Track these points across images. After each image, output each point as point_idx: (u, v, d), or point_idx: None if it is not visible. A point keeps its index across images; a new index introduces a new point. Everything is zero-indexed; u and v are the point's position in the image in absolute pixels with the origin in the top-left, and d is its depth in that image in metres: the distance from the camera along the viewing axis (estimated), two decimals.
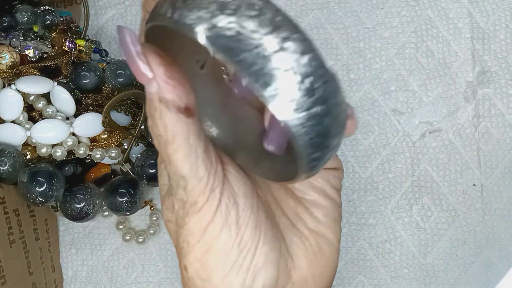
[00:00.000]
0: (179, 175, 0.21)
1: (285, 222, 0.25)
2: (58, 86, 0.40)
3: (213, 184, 0.22)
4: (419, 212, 0.44)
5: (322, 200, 0.25)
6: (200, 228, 0.22)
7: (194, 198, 0.22)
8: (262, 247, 0.23)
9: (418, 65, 0.45)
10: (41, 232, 0.42)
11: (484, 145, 0.44)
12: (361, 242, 0.44)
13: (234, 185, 0.23)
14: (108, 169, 0.43)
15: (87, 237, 0.46)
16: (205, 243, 0.22)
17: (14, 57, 0.39)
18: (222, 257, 0.22)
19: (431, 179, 0.44)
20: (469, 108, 0.45)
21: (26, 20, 0.41)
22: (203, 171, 0.21)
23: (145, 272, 0.45)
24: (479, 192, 0.44)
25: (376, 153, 0.45)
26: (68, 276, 0.46)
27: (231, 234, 0.22)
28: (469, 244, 0.43)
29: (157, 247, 0.46)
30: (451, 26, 0.46)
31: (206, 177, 0.21)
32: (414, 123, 0.45)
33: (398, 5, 0.46)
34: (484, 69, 0.45)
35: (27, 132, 0.39)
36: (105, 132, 0.41)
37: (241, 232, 0.22)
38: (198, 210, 0.22)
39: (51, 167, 0.39)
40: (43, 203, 0.39)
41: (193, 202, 0.22)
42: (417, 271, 0.43)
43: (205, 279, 0.23)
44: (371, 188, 0.45)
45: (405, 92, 0.45)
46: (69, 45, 0.41)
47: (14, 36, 0.40)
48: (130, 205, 0.41)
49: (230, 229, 0.22)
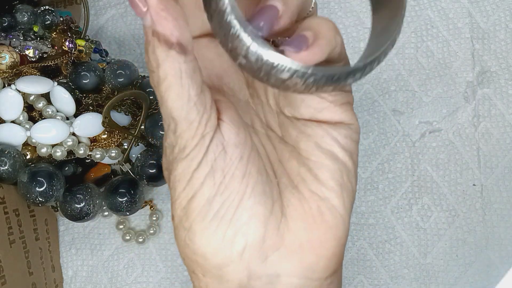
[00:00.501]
0: (170, 117, 0.21)
1: (285, 182, 0.23)
2: (58, 86, 0.40)
3: (204, 130, 0.21)
4: (419, 212, 0.44)
5: (329, 162, 0.23)
6: (186, 175, 0.21)
7: (183, 142, 0.21)
8: (247, 200, 0.22)
9: (418, 65, 0.45)
10: (41, 232, 0.42)
11: (484, 145, 0.44)
12: (361, 242, 0.44)
13: (225, 134, 0.22)
14: (108, 169, 0.43)
15: (87, 237, 0.46)
16: (190, 190, 0.22)
17: (14, 57, 0.39)
18: (204, 206, 0.21)
19: (431, 179, 0.44)
20: (469, 108, 0.45)
21: (26, 20, 0.41)
22: (194, 115, 0.21)
23: (145, 272, 0.45)
24: (479, 192, 0.44)
25: (376, 153, 0.45)
26: (68, 276, 0.46)
27: (215, 182, 0.21)
28: (469, 244, 0.43)
29: (157, 247, 0.46)
30: (451, 26, 0.46)
31: (197, 121, 0.21)
32: (414, 123, 0.45)
33: None
34: (484, 69, 0.45)
35: (27, 132, 0.39)
36: (105, 132, 0.41)
37: (225, 181, 0.21)
38: (186, 156, 0.21)
39: (51, 167, 0.39)
40: (43, 203, 0.39)
41: (182, 147, 0.21)
42: (417, 271, 0.43)
43: (187, 228, 0.22)
44: (371, 188, 0.45)
45: (405, 92, 0.45)
46: (69, 45, 0.41)
47: (14, 36, 0.40)
48: (130, 205, 0.41)
49: (214, 176, 0.21)
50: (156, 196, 0.46)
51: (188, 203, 0.22)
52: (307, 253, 0.23)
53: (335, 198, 0.23)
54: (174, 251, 0.45)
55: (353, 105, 0.24)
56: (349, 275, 0.44)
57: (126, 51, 0.48)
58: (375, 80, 0.46)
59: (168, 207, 0.46)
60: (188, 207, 0.22)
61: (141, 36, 0.48)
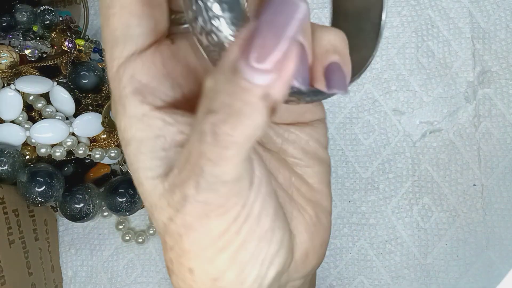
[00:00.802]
0: (221, 181, 0.17)
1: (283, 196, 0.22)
2: (57, 86, 0.40)
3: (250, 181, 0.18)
4: (420, 212, 0.44)
5: (317, 165, 0.23)
6: (220, 230, 0.18)
7: (222, 200, 0.18)
8: (278, 232, 0.20)
9: (419, 65, 0.45)
10: (40, 233, 0.42)
11: (484, 145, 0.44)
12: (362, 242, 0.44)
13: (256, 169, 0.19)
14: (108, 169, 0.43)
15: (87, 238, 0.46)
16: (223, 244, 0.19)
17: (13, 57, 0.39)
18: (240, 252, 0.19)
19: (432, 179, 0.44)
20: (470, 108, 0.45)
21: (25, 20, 0.41)
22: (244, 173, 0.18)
23: (145, 272, 0.45)
24: (480, 192, 0.44)
25: (377, 153, 0.45)
26: (68, 277, 0.46)
27: (251, 228, 0.18)
28: (469, 244, 0.43)
29: (157, 248, 0.45)
30: (451, 26, 0.46)
31: (247, 180, 0.18)
32: (415, 123, 0.45)
33: (399, 5, 0.46)
34: (485, 69, 0.45)
35: (26, 132, 0.39)
36: (105, 132, 0.41)
37: (262, 224, 0.19)
38: (225, 212, 0.18)
39: (51, 167, 0.39)
40: (43, 203, 0.39)
41: (220, 203, 0.18)
42: (418, 272, 0.43)
43: (217, 279, 0.19)
44: (372, 188, 0.45)
45: (406, 92, 0.45)
46: (69, 45, 0.41)
47: (13, 36, 0.40)
48: (129, 205, 0.41)
49: (251, 223, 0.18)
50: None
51: (219, 254, 0.19)
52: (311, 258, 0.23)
53: (325, 200, 0.23)
54: None
55: None
56: (350, 275, 0.44)
57: None
58: (375, 80, 0.46)
59: None
60: (219, 258, 0.19)
61: None
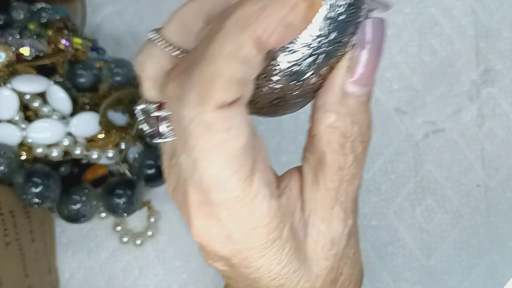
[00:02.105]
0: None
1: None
2: (54, 85, 0.40)
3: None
4: (422, 213, 0.44)
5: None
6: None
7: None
8: None
9: (421, 63, 0.45)
10: (37, 234, 0.42)
11: (488, 145, 0.44)
12: (363, 245, 0.44)
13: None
14: (105, 169, 0.43)
15: (84, 239, 0.46)
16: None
17: (10, 56, 0.39)
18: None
19: (435, 180, 0.44)
20: (473, 108, 0.45)
21: (22, 18, 0.41)
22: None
23: (143, 275, 0.45)
24: (483, 193, 0.44)
25: (379, 153, 0.45)
26: (65, 279, 0.46)
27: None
28: (473, 246, 0.43)
29: (155, 250, 0.45)
30: (454, 24, 0.46)
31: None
32: (417, 122, 0.45)
33: (401, 3, 0.46)
34: (488, 67, 0.45)
35: (22, 132, 0.39)
36: (102, 132, 0.41)
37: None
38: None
39: (47, 167, 0.39)
40: (39, 204, 0.39)
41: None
42: (420, 274, 0.43)
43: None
44: (374, 189, 0.45)
45: (408, 91, 0.45)
46: (66, 43, 0.41)
47: (10, 34, 0.40)
48: (127, 207, 0.41)
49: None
50: (154, 197, 0.46)
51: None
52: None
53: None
54: (172, 253, 0.45)
55: None
56: None
57: (124, 49, 0.48)
58: (377, 79, 0.45)
59: (165, 208, 0.46)
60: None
61: (138, 34, 0.48)
